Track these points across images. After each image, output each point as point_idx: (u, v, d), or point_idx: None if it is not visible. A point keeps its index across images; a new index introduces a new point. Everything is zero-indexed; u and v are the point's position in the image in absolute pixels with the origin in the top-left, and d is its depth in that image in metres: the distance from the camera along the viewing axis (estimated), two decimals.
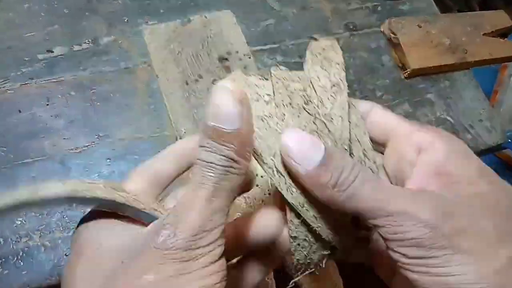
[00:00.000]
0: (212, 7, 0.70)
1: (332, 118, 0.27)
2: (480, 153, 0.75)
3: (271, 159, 0.26)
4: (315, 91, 0.28)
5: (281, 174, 0.26)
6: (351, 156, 0.27)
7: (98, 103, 0.58)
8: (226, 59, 0.64)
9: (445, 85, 0.76)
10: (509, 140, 0.81)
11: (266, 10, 0.73)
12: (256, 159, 0.27)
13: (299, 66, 0.69)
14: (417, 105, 0.72)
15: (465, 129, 0.73)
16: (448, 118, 0.73)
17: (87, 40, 0.63)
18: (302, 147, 0.25)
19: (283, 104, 0.27)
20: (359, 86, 0.71)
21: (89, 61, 0.61)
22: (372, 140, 0.30)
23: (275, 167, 0.26)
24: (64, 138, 0.56)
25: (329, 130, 0.26)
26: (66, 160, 0.55)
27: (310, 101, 0.27)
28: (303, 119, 0.26)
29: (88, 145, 0.56)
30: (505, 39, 0.84)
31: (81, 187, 0.25)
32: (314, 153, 0.25)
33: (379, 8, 0.80)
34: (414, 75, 0.74)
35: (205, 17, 0.66)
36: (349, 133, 0.27)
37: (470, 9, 1.51)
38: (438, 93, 0.75)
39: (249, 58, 0.65)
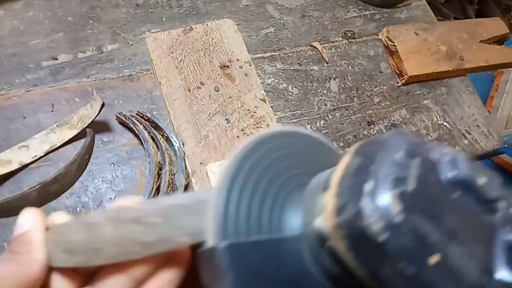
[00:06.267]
0: (214, 16, 0.71)
1: None
2: (477, 159, 0.76)
3: None
4: None
5: None
6: None
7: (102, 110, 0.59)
8: (227, 66, 0.65)
9: (442, 92, 0.78)
10: (506, 146, 0.82)
11: (266, 19, 0.74)
12: None
13: (299, 73, 0.71)
14: (414, 111, 0.74)
15: (462, 135, 0.75)
16: (445, 124, 0.75)
17: (91, 48, 0.64)
18: None
19: None
20: (357, 93, 0.72)
21: (93, 68, 0.62)
22: None
23: None
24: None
25: None
26: None
27: None
28: None
29: None
30: (501, 46, 0.85)
31: None
32: None
33: (377, 16, 0.81)
34: (411, 81, 0.75)
35: (207, 25, 0.67)
36: None
37: (467, 16, 1.53)
38: (435, 99, 0.76)
39: (250, 65, 0.66)
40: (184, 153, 0.57)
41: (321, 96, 0.70)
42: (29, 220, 0.27)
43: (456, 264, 0.19)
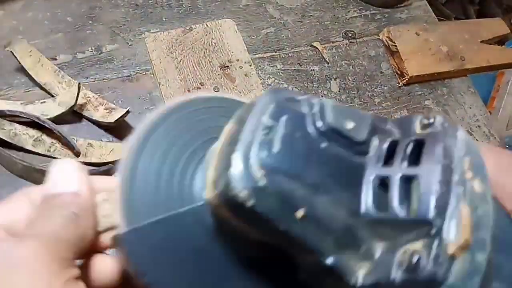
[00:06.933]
0: (213, 16, 0.71)
1: None
2: None
3: None
4: None
5: None
6: None
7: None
8: (227, 66, 0.65)
9: (443, 92, 0.77)
10: (507, 146, 0.82)
11: (266, 19, 0.74)
12: None
13: (299, 74, 0.70)
14: (415, 112, 0.73)
15: None
16: None
17: (90, 48, 0.64)
18: None
19: None
20: (358, 93, 0.72)
21: (92, 69, 0.62)
22: None
23: None
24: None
25: None
26: None
27: None
28: None
29: None
30: (503, 46, 0.85)
31: None
32: None
33: (377, 17, 0.81)
34: (412, 82, 0.75)
35: (207, 25, 0.67)
36: None
37: (468, 17, 1.52)
38: (436, 100, 0.76)
39: (250, 65, 0.66)
40: None
41: (322, 96, 0.69)
42: (73, 179, 0.24)
43: (322, 213, 0.20)
